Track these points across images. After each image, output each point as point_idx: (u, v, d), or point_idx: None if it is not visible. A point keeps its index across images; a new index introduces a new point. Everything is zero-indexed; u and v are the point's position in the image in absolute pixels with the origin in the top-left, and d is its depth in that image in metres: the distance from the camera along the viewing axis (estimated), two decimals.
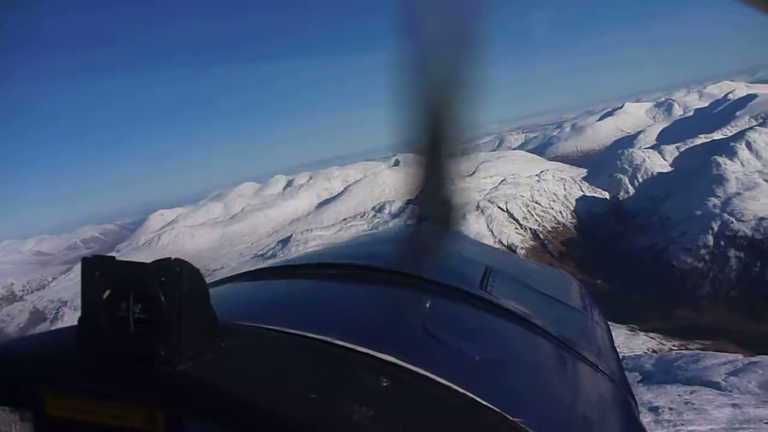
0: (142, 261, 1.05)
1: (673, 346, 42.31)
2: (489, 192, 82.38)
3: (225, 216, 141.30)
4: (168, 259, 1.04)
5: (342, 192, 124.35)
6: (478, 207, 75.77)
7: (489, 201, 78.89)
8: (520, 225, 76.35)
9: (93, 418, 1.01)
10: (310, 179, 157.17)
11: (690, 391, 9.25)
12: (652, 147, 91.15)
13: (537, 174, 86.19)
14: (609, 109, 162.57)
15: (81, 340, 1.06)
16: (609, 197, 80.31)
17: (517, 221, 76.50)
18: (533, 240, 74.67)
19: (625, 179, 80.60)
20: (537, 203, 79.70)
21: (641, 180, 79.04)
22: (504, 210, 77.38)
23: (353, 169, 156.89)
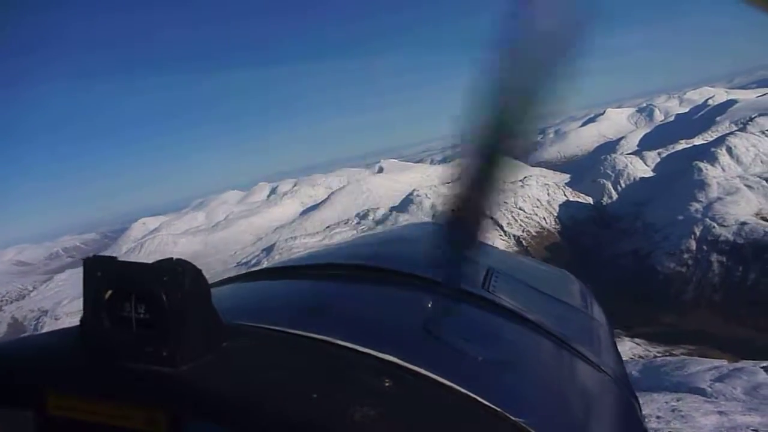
0: (143, 261, 1.04)
1: (658, 352, 42.53)
2: None
3: (208, 224, 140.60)
4: (170, 260, 1.04)
5: (326, 199, 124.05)
6: None
7: None
8: (504, 231, 76.50)
9: (94, 418, 1.00)
10: (294, 186, 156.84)
11: (676, 399, 9.22)
12: (634, 152, 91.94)
13: (520, 180, 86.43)
14: (591, 115, 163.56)
15: (83, 340, 1.06)
16: (592, 202, 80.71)
17: (501, 227, 76.63)
18: (517, 246, 74.56)
19: (608, 184, 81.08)
20: (521, 209, 79.93)
21: (624, 185, 79.56)
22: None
23: (337, 176, 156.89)
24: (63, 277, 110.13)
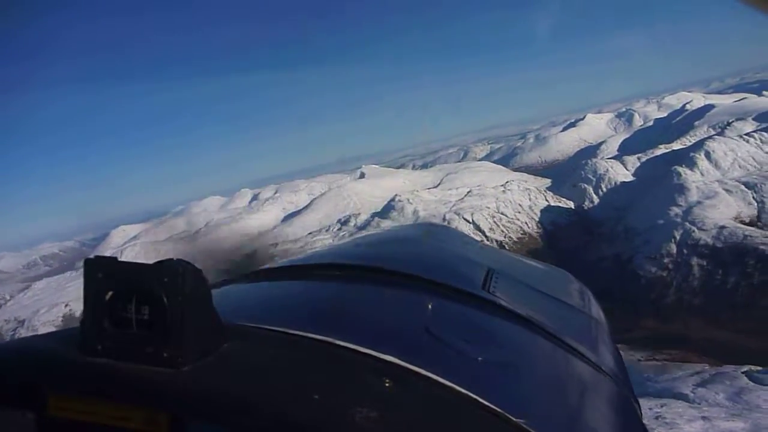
0: (144, 262, 1.05)
1: (641, 357, 42.67)
2: (455, 204, 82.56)
3: (189, 231, 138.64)
4: (170, 260, 1.05)
5: (307, 205, 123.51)
6: (444, 219, 75.77)
7: (455, 213, 78.98)
8: (486, 237, 76.45)
9: (95, 419, 1.00)
10: (276, 192, 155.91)
11: (660, 405, 9.14)
12: (614, 157, 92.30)
13: (502, 185, 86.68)
14: (571, 120, 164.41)
15: (83, 340, 1.06)
16: (574, 207, 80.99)
17: (484, 233, 76.60)
18: None
19: (589, 189, 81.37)
20: (503, 214, 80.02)
21: (605, 189, 79.89)
22: (470, 222, 77.44)
23: (318, 182, 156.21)
24: (40, 286, 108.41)
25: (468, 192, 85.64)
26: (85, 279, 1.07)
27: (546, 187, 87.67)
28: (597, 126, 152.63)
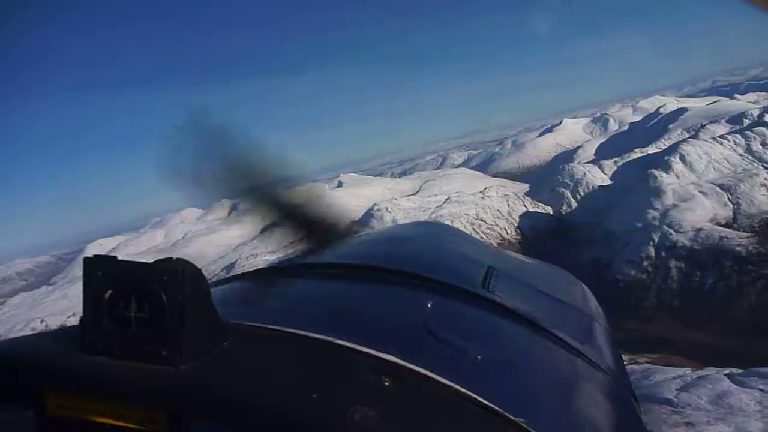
0: (144, 261, 1.05)
1: (623, 361, 42.85)
2: (434, 211, 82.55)
3: (167, 243, 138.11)
4: (170, 259, 1.06)
5: None
6: None
7: (434, 220, 79.12)
8: None
9: (95, 418, 1.00)
10: None
11: (643, 411, 9.09)
12: (591, 161, 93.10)
13: (481, 191, 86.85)
14: (548, 126, 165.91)
15: (83, 339, 1.06)
16: (552, 212, 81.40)
17: None
18: None
19: (567, 193, 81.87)
20: (482, 221, 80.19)
21: (583, 194, 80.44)
22: None
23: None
24: (16, 301, 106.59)
25: (447, 199, 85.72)
26: (85, 278, 1.06)
27: (524, 193, 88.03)
28: (573, 131, 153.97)
